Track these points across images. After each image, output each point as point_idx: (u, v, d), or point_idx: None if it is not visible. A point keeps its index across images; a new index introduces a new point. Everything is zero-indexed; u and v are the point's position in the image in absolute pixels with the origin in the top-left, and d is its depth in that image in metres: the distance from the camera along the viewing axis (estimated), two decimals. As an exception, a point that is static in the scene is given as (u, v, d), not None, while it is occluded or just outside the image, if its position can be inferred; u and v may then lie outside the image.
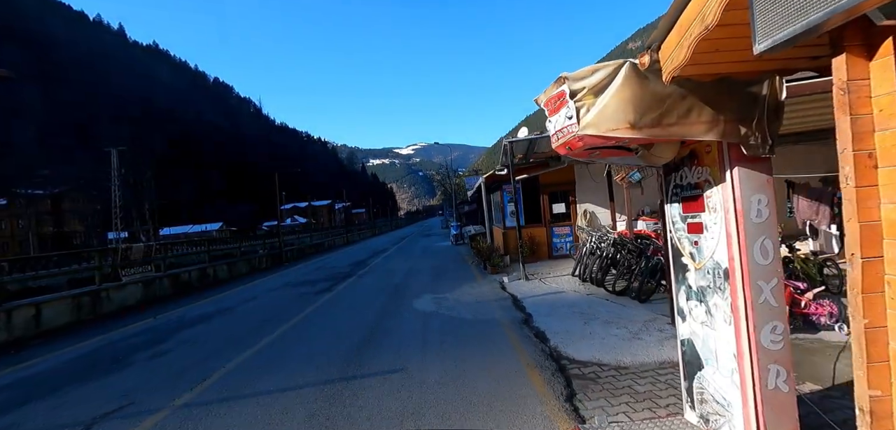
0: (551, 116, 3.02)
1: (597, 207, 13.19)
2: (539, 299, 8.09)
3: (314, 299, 10.16)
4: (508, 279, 10.35)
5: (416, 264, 15.66)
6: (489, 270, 11.84)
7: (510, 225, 13.50)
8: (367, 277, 13.41)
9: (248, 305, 10.09)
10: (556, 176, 13.05)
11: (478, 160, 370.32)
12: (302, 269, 17.48)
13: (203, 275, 13.78)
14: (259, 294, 11.60)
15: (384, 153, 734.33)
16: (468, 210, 54.44)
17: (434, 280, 11.51)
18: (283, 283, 13.56)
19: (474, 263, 14.29)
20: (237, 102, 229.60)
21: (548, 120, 3.11)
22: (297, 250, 23.14)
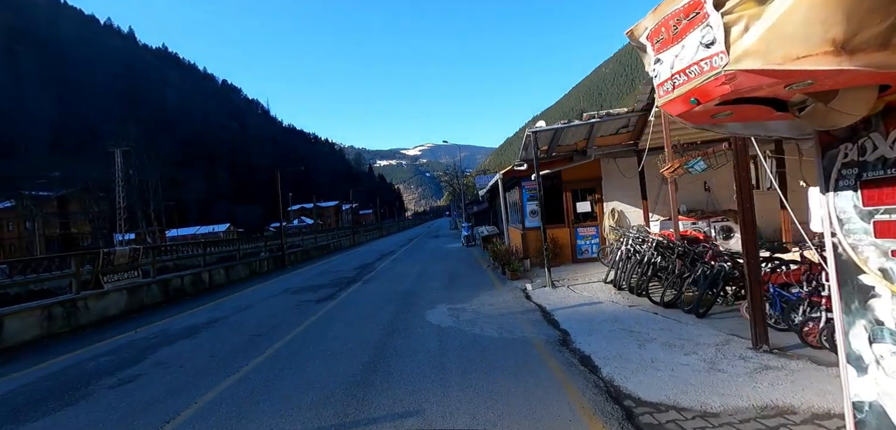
0: (665, 48, 1.88)
1: (626, 206, 12.00)
2: (573, 312, 6.94)
3: (315, 308, 9.09)
4: (532, 286, 9.21)
5: (427, 268, 14.56)
6: (508, 275, 10.71)
7: (530, 225, 12.36)
8: (373, 282, 12.34)
9: (242, 315, 9.05)
10: (580, 172, 11.89)
11: (485, 161, 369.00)
12: (305, 273, 16.46)
13: (197, 280, 12.79)
14: (255, 302, 10.57)
15: (391, 154, 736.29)
16: (477, 210, 53.32)
17: (448, 287, 10.39)
18: (283, 289, 12.53)
19: (490, 267, 13.16)
20: (245, 103, 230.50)
21: (654, 60, 1.98)
22: (302, 253, 22.16)
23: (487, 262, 14.42)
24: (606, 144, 11.11)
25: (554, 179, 12.39)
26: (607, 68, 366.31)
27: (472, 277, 11.76)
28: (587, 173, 11.98)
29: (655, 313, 6.51)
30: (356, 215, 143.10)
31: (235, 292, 12.74)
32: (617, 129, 10.17)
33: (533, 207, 12.36)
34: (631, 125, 9.99)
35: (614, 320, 6.28)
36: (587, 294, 8.23)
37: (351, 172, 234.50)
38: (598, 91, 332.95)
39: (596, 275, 10.10)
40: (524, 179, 12.38)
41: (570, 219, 12.18)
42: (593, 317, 6.53)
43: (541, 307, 7.48)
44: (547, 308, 7.34)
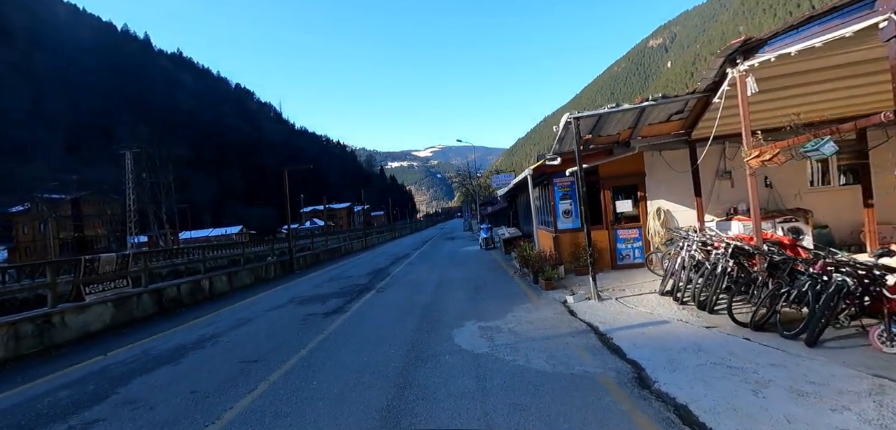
0: None
1: (673, 205, 10.58)
2: (636, 335, 5.60)
3: (322, 324, 7.88)
4: (573, 299, 7.87)
5: (446, 274, 13.28)
6: (542, 285, 9.37)
7: (564, 227, 11.01)
8: (388, 291, 11.11)
9: (239, 332, 7.88)
10: (620, 166, 10.51)
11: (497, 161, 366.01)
12: (314, 279, 15.31)
13: (196, 289, 11.68)
14: (256, 315, 9.40)
15: (402, 156, 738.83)
16: (492, 211, 51.90)
17: (474, 299, 9.10)
18: (289, 298, 11.37)
19: (518, 274, 11.83)
20: (258, 106, 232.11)
21: None
22: (312, 256, 21.06)
23: (513, 268, 13.09)
24: (653, 135, 9.71)
25: (590, 175, 11.01)
26: (620, 67, 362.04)
27: (500, 286, 10.44)
28: (629, 168, 10.59)
29: (746, 338, 5.15)
30: (368, 216, 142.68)
31: (237, 301, 11.62)
32: (668, 115, 8.78)
33: (566, 207, 11.01)
34: (686, 111, 8.59)
35: (697, 348, 4.93)
36: (644, 310, 6.87)
37: (362, 173, 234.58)
38: (610, 90, 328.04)
39: (645, 284, 8.72)
40: (556, 175, 11.04)
41: (608, 220, 10.80)
42: (666, 343, 5.18)
43: (592, 327, 6.15)
44: (600, 329, 6.01)
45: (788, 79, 6.94)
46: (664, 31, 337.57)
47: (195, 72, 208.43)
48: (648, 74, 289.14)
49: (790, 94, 7.57)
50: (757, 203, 6.36)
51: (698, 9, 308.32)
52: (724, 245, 6.57)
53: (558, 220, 11.05)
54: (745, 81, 6.28)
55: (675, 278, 7.44)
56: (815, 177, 10.75)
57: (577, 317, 6.81)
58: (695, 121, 9.00)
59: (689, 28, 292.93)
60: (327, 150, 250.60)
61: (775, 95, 7.50)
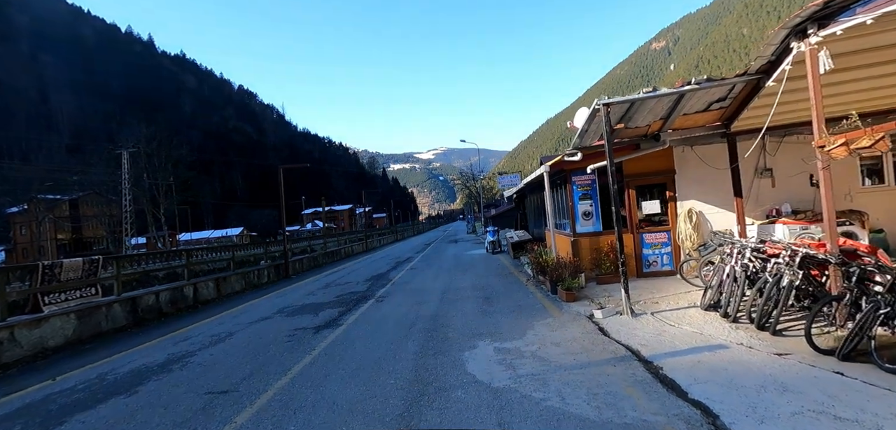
0: None
1: (707, 206, 9.48)
2: (691, 364, 4.53)
3: (310, 341, 6.83)
4: (602, 314, 6.78)
5: (452, 281, 12.21)
6: (562, 295, 8.29)
7: (583, 230, 9.93)
8: (388, 301, 10.05)
9: (215, 351, 6.83)
10: (647, 163, 9.43)
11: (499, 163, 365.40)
12: (309, 285, 14.26)
13: (177, 297, 10.63)
14: (239, 328, 8.35)
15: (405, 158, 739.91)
16: (496, 213, 50.86)
17: (485, 311, 8.02)
18: (278, 307, 10.32)
19: (531, 281, 10.75)
20: (260, 108, 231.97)
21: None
22: (309, 260, 20.01)
23: (526, 274, 12.01)
24: (686, 127, 8.64)
25: (614, 173, 9.95)
26: (622, 70, 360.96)
27: (513, 295, 9.36)
28: (656, 164, 9.51)
29: (837, 372, 4.06)
30: (370, 218, 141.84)
31: (222, 310, 10.57)
32: (707, 104, 7.70)
33: (586, 208, 9.93)
34: (728, 98, 7.51)
35: (780, 386, 3.85)
36: (689, 329, 5.78)
37: (365, 175, 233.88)
38: (612, 93, 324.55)
39: (680, 296, 7.64)
40: (575, 173, 9.97)
41: (633, 223, 9.71)
42: (736, 377, 4.10)
43: (633, 352, 5.07)
44: (644, 354, 4.93)
45: (853, 58, 5.87)
46: (667, 33, 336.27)
47: (198, 74, 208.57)
48: (651, 77, 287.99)
49: (858, 76, 6.49)
50: (831, 201, 5.26)
51: (701, 12, 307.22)
52: (787, 252, 5.48)
53: (577, 222, 9.97)
54: (817, 57, 5.20)
55: (721, 291, 6.35)
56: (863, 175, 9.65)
57: (610, 337, 5.73)
58: (737, 110, 7.92)
59: (692, 31, 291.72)
60: (330, 151, 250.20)
61: (839, 78, 6.42)
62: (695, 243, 9.23)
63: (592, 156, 9.39)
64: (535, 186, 15.27)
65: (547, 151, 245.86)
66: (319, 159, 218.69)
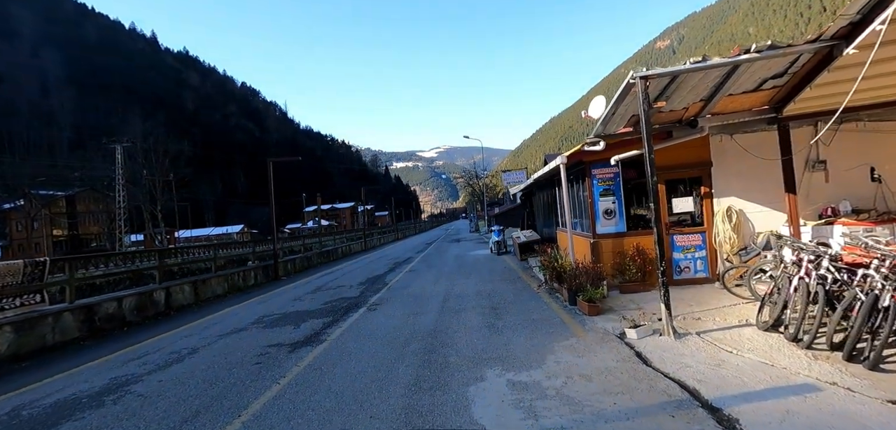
0: None
1: (749, 204, 8.24)
2: (782, 416, 3.31)
3: (283, 364, 5.64)
4: (636, 334, 5.55)
5: (454, 286, 11.01)
6: (583, 307, 7.07)
7: (605, 231, 8.70)
8: (382, 309, 8.85)
9: (166, 375, 5.65)
10: (679, 153, 8.18)
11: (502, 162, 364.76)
12: (298, 288, 13.09)
13: (145, 303, 9.44)
14: (205, 343, 7.18)
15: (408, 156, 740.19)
16: (500, 212, 49.61)
17: (493, 326, 6.81)
18: (258, 316, 9.14)
19: (545, 288, 9.53)
20: (263, 105, 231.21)
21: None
22: (303, 260, 18.85)
23: (536, 279, 10.79)
24: (729, 111, 7.40)
25: (640, 165, 8.73)
26: (626, 69, 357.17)
27: (525, 305, 8.14)
28: (690, 156, 8.26)
29: None
30: (372, 216, 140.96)
31: (196, 318, 9.40)
32: (760, 82, 6.45)
33: (608, 205, 8.70)
34: (787, 74, 6.27)
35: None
36: (754, 358, 4.56)
37: (368, 173, 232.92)
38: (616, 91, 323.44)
39: (724, 310, 6.42)
40: (596, 165, 8.74)
41: (663, 222, 8.48)
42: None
43: (691, 392, 3.85)
44: (707, 397, 3.72)
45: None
46: (672, 32, 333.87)
47: (201, 71, 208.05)
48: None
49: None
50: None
51: (706, 11, 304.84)
52: (887, 263, 4.24)
53: (597, 222, 8.73)
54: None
55: (783, 308, 5.13)
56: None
57: (654, 368, 4.51)
58: (793, 90, 6.67)
59: (697, 29, 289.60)
60: (332, 149, 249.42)
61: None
62: (735, 247, 8.00)
63: (617, 145, 8.16)
64: (546, 182, 14.06)
65: (550, 149, 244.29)
66: (322, 157, 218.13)
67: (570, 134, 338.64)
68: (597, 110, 9.61)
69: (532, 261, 14.07)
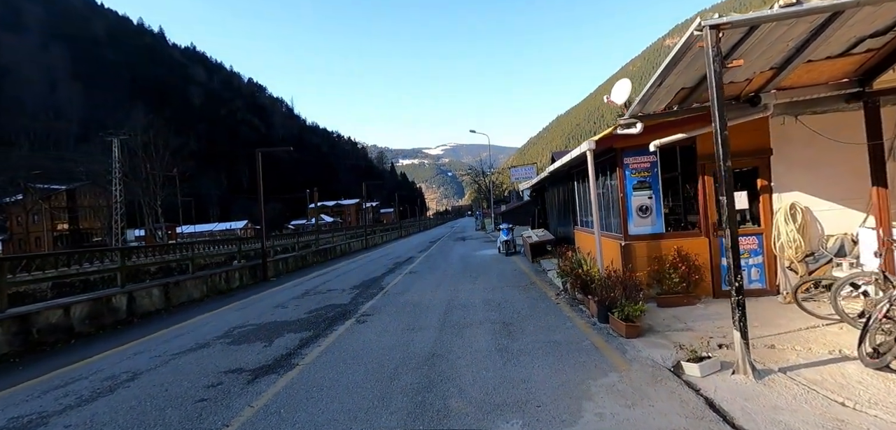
0: None
1: (817, 200, 6.80)
2: None
3: (235, 402, 4.33)
4: (699, 369, 4.15)
5: (459, 293, 9.65)
6: (619, 327, 5.67)
7: (639, 231, 7.29)
8: (372, 322, 7.52)
9: (88, 411, 4.38)
10: (731, 139, 6.76)
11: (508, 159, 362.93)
12: (284, 292, 11.79)
13: (101, 310, 8.16)
14: (152, 366, 5.87)
15: (414, 153, 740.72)
16: (507, 209, 48.15)
17: (505, 351, 5.44)
18: (229, 327, 7.84)
19: (564, 298, 8.13)
20: (269, 101, 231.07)
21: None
22: (297, 259, 17.58)
23: (552, 286, 9.41)
24: (801, 84, 5.96)
25: (683, 152, 7.32)
26: (634, 66, 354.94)
27: (543, 319, 6.76)
28: (744, 141, 6.82)
29: None
30: (377, 213, 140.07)
31: (159, 329, 8.12)
32: (852, 42, 5.01)
33: (642, 201, 7.29)
34: (890, 33, 4.83)
35: None
36: (888, 417, 3.16)
37: (373, 170, 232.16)
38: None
39: (801, 333, 5.03)
40: (629, 153, 7.33)
41: (709, 221, 7.07)
42: None
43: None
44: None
45: None
46: (681, 30, 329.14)
47: (208, 66, 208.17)
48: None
49: None
50: None
51: (717, 8, 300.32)
52: None
53: (630, 220, 7.33)
54: None
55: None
56: None
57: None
58: (891, 56, 5.24)
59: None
60: (338, 146, 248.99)
61: None
62: (800, 252, 6.56)
63: (656, 128, 6.75)
64: (562, 176, 12.65)
65: (556, 147, 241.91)
66: (328, 153, 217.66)
67: (576, 132, 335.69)
68: (622, 94, 8.28)
69: (545, 264, 12.68)
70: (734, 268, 4.15)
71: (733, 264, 4.16)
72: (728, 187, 4.20)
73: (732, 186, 4.26)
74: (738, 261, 4.17)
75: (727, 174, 4.20)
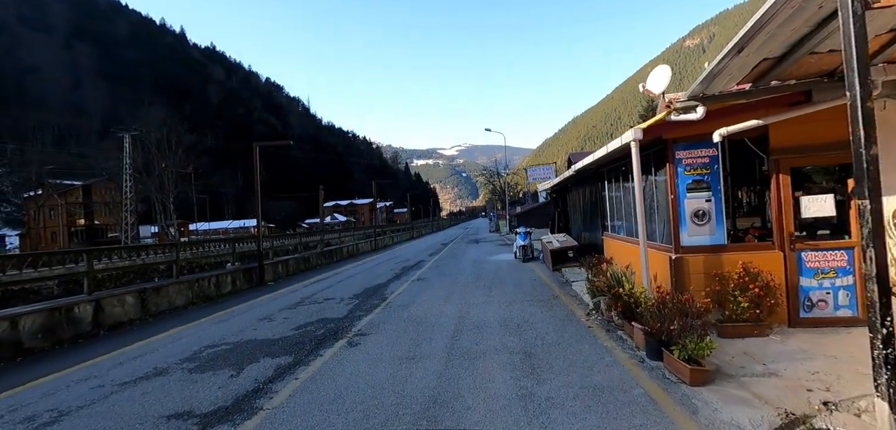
0: None
1: (931, 207, 5.34)
2: None
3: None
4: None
5: (471, 309, 8.37)
6: (681, 371, 4.33)
7: (694, 242, 5.92)
8: (366, 345, 6.31)
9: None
10: (813, 128, 5.39)
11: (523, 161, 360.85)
12: (277, 301, 10.66)
13: (59, 322, 7.12)
14: (84, 402, 4.75)
15: (428, 154, 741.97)
16: (522, 211, 46.64)
17: (530, 399, 4.16)
18: (196, 349, 6.69)
19: (597, 319, 6.79)
20: (286, 100, 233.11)
21: None
22: (299, 261, 16.52)
23: (579, 301, 8.07)
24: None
25: (750, 145, 5.93)
26: (654, 67, 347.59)
27: (574, 351, 5.44)
28: (832, 132, 5.40)
29: None
30: (390, 213, 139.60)
31: (118, 347, 7.02)
32: None
33: (698, 204, 5.91)
34: None
35: None
36: None
37: (388, 170, 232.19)
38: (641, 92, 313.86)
39: None
40: (682, 145, 5.97)
41: (785, 231, 5.66)
42: None
43: None
44: None
45: None
46: (702, 30, 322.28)
47: (227, 65, 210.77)
48: (684, 76, 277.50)
49: None
50: None
51: (739, 8, 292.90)
52: None
53: (682, 228, 5.96)
54: None
55: None
56: None
57: None
58: None
59: (729, 28, 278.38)
60: (353, 145, 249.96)
61: None
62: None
63: (720, 115, 5.39)
64: (587, 176, 11.27)
65: (573, 148, 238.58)
66: (343, 153, 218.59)
67: (592, 134, 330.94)
68: (660, 81, 7.04)
69: (568, 273, 11.33)
70: (882, 305, 2.80)
71: (879, 298, 2.81)
72: (872, 185, 2.86)
73: (878, 181, 2.93)
74: (887, 293, 2.82)
75: (872, 166, 2.86)
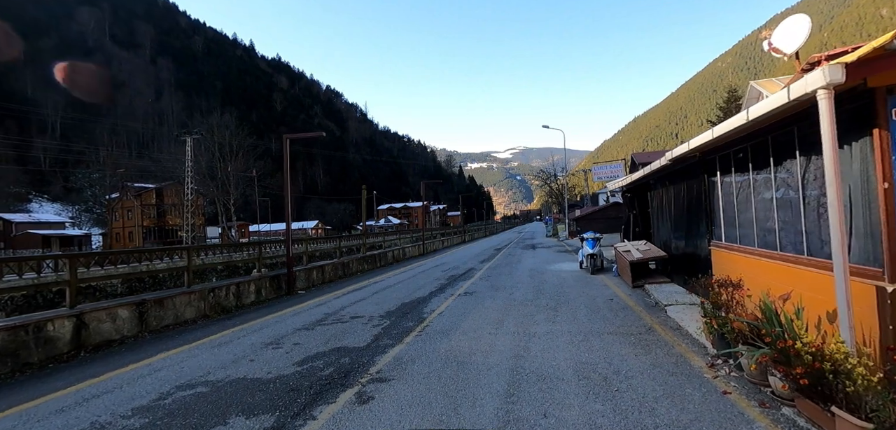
0: None
1: None
2: None
3: None
4: None
5: (531, 343, 6.25)
6: None
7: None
8: (379, 407, 4.41)
9: None
10: None
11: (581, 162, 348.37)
12: (295, 317, 9.06)
13: (27, 342, 5.83)
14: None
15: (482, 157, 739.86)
16: (581, 215, 43.21)
17: None
18: (160, 392, 5.10)
19: (725, 377, 4.44)
20: (345, 106, 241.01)
21: None
22: (337, 267, 15.13)
23: (682, 334, 5.70)
24: None
25: None
26: (724, 62, 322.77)
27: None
28: None
29: None
30: (444, 216, 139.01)
31: (84, 379, 5.61)
32: None
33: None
34: None
35: None
36: None
37: (441, 173, 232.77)
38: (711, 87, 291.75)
39: None
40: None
41: None
42: None
43: None
44: None
45: None
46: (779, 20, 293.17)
47: (291, 75, 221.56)
48: (758, 70, 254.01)
49: None
50: None
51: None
52: None
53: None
54: None
55: None
56: None
57: None
58: None
59: (814, 13, 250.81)
60: (408, 149, 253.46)
61: None
62: None
63: None
64: (680, 170, 8.68)
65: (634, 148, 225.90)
66: (398, 156, 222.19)
67: (655, 134, 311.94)
68: (796, 36, 5.08)
69: (655, 292, 8.86)
70: None
71: None
72: None
73: None
74: None
75: None
